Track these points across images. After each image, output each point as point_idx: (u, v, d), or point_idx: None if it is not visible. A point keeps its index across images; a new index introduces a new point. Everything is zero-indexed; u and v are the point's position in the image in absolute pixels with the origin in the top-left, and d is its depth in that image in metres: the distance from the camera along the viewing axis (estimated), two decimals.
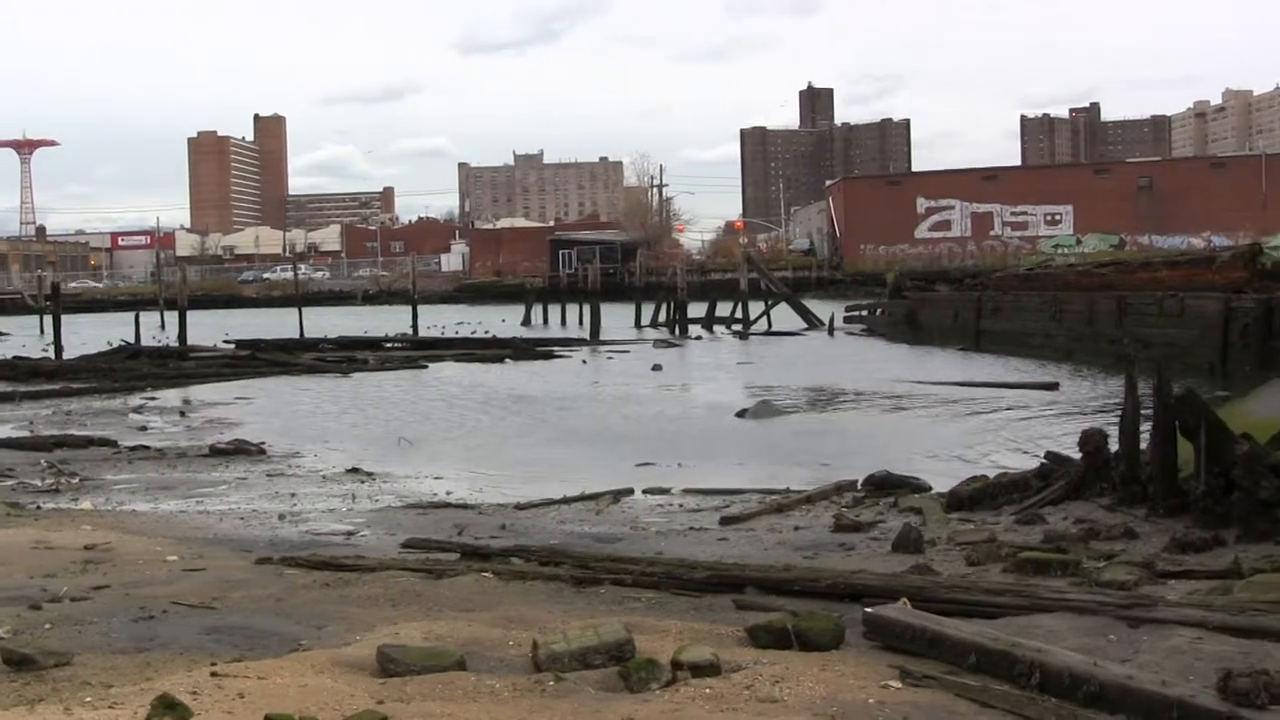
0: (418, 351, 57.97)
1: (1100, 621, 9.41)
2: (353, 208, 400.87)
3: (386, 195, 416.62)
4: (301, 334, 64.54)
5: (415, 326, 72.93)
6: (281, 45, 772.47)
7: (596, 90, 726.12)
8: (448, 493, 20.22)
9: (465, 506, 18.52)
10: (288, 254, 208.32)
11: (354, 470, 22.72)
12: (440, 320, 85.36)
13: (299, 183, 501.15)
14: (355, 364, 51.39)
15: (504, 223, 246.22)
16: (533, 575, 11.88)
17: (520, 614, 9.95)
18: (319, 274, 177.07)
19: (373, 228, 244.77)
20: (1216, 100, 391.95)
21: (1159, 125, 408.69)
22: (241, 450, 25.36)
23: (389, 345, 61.64)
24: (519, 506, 18.39)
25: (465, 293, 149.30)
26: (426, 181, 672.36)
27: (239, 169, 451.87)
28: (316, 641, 8.98)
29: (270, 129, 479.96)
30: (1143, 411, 16.11)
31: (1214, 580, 11.43)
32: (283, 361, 51.01)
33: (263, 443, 26.54)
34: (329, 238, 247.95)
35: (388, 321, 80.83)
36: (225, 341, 60.18)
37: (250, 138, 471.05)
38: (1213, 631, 9.04)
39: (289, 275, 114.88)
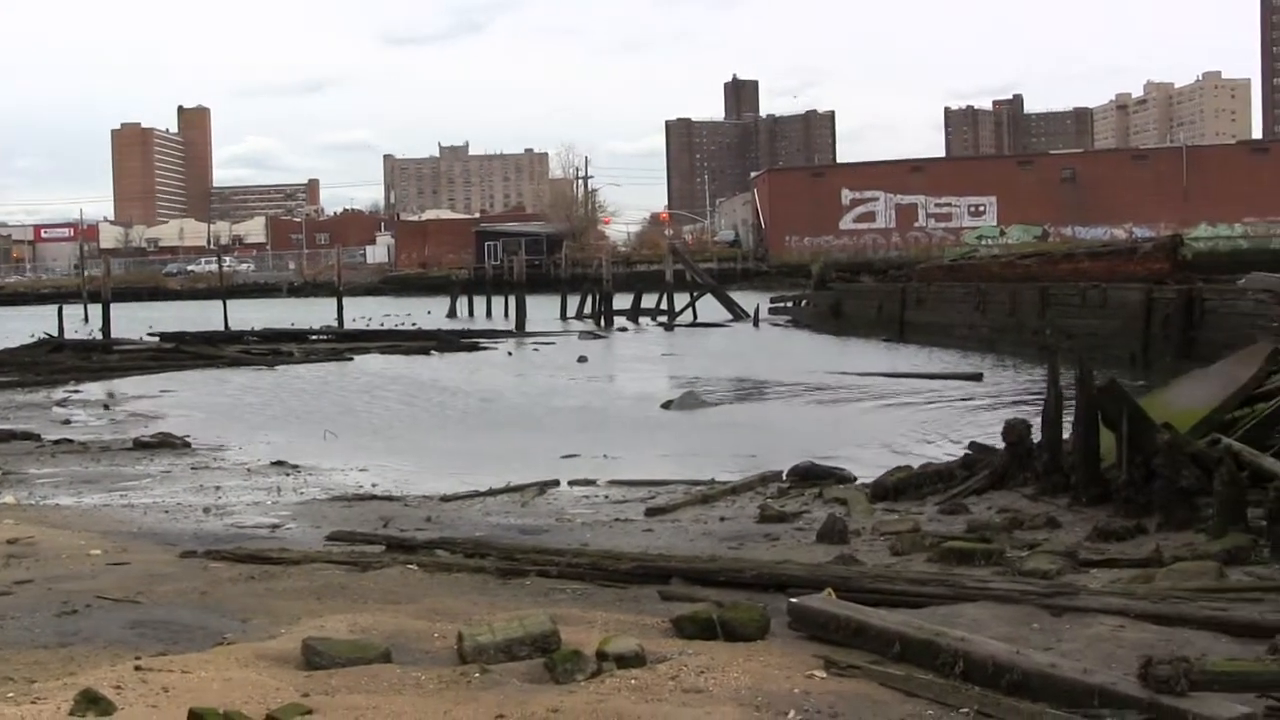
0: (343, 344, 57.78)
1: (1023, 610, 9.49)
2: (278, 200, 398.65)
3: (312, 187, 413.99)
4: (226, 326, 64.08)
5: (340, 319, 72.55)
6: (205, 37, 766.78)
7: (522, 82, 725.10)
8: (373, 485, 20.14)
9: (390, 499, 18.47)
10: (212, 246, 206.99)
11: (279, 463, 22.60)
12: (367, 312, 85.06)
13: (223, 175, 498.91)
14: (280, 356, 51.14)
15: (429, 214, 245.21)
16: (458, 567, 11.87)
17: (445, 606, 9.94)
18: (244, 266, 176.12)
19: (298, 220, 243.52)
20: (1138, 93, 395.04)
21: (1081, 117, 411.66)
22: (166, 443, 25.18)
23: (314, 338, 61.35)
24: (444, 498, 18.34)
25: (390, 285, 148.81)
26: (352, 174, 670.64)
27: (163, 161, 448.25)
28: (241, 635, 8.94)
29: (194, 121, 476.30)
30: (1065, 402, 16.26)
31: (1136, 568, 11.56)
32: (207, 354, 50.72)
33: (187, 436, 26.37)
34: (254, 230, 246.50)
35: (313, 314, 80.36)
36: (150, 334, 59.69)
37: (174, 130, 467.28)
38: (1134, 619, 9.13)
39: (214, 268, 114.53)
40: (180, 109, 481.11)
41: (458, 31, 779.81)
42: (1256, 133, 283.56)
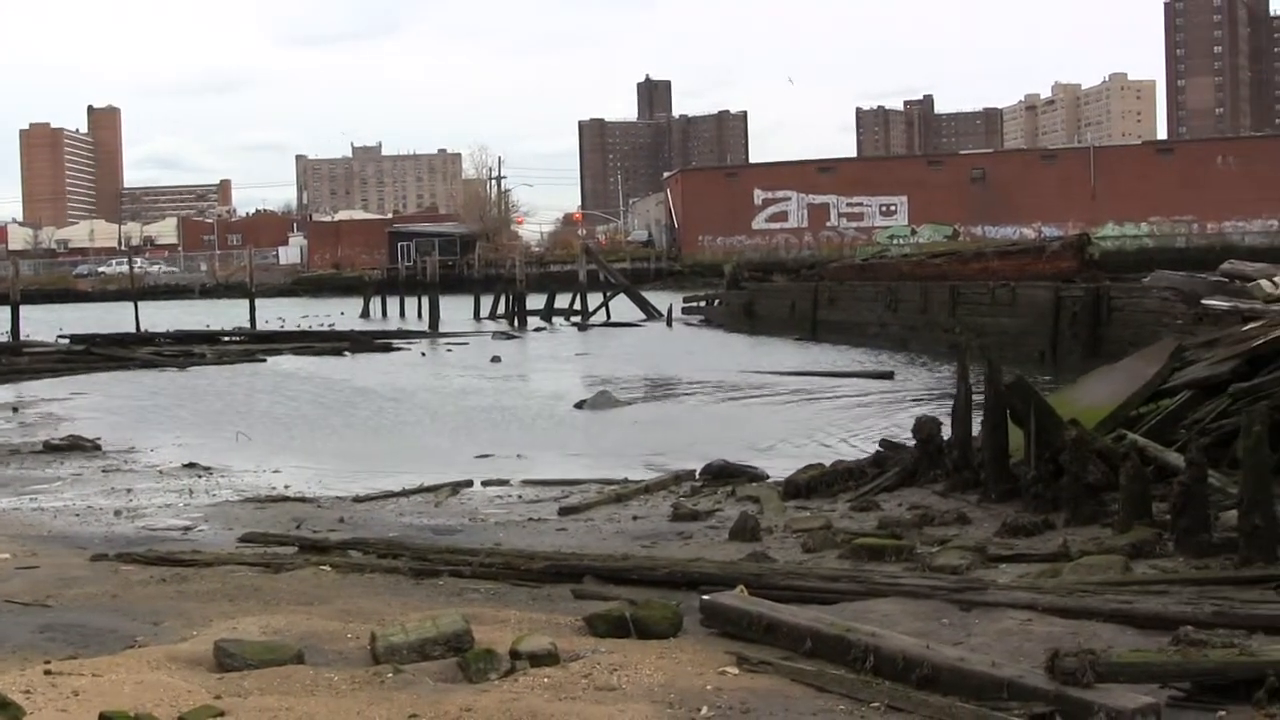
0: (256, 345, 57.38)
1: (933, 605, 9.60)
2: (189, 200, 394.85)
3: (224, 188, 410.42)
4: (138, 328, 63.33)
5: (253, 319, 72.04)
6: (115, 36, 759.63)
7: (435, 82, 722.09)
8: (286, 486, 20.03)
9: (304, 500, 18.38)
10: (123, 247, 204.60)
11: (191, 465, 22.43)
12: (280, 313, 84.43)
13: (135, 175, 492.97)
14: (192, 358, 50.66)
15: (342, 215, 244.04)
16: (371, 568, 11.86)
17: (359, 606, 9.94)
18: (155, 268, 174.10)
19: (210, 221, 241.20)
20: (1046, 94, 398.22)
21: (991, 118, 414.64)
22: (77, 446, 24.93)
23: (226, 339, 60.87)
24: (358, 499, 18.29)
25: (303, 285, 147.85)
26: (264, 174, 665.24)
27: (73, 162, 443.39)
28: (153, 638, 8.90)
29: (104, 121, 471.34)
30: (975, 399, 16.42)
31: (1044, 563, 11.70)
32: (119, 356, 50.17)
33: (98, 438, 26.11)
34: (165, 231, 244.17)
35: (226, 315, 79.81)
36: (60, 337, 58.95)
37: (84, 130, 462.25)
38: (1042, 613, 9.25)
39: (125, 269, 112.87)
40: (90, 109, 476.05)
41: (371, 31, 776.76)
42: (1161, 133, 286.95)
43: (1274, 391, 13.81)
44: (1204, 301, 22.75)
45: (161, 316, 78.58)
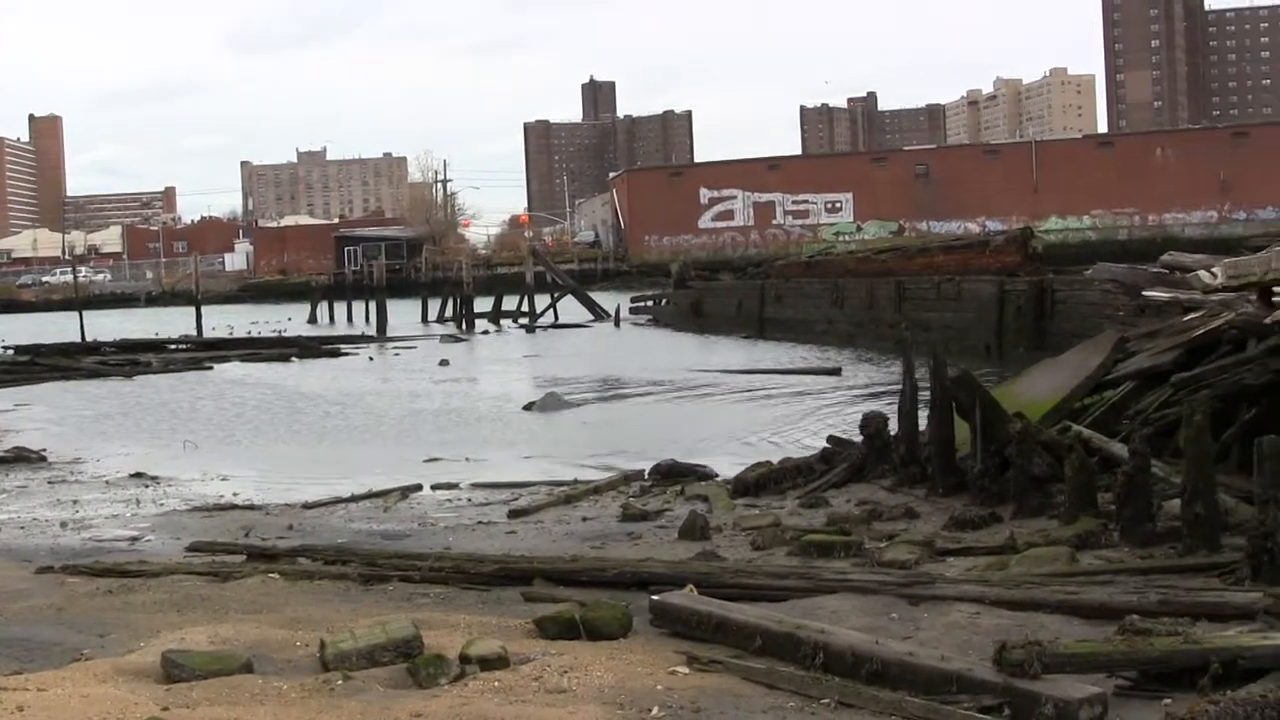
0: (203, 352, 57.08)
1: (882, 600, 9.64)
2: (134, 208, 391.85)
3: (168, 195, 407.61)
4: (83, 338, 62.89)
5: (199, 327, 71.71)
6: (56, 44, 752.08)
7: (380, 86, 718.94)
8: (234, 494, 19.96)
9: (252, 507, 18.31)
10: (67, 256, 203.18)
11: (138, 475, 22.30)
12: (227, 320, 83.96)
13: (78, 183, 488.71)
14: (138, 367, 50.34)
15: (288, 221, 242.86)
16: (320, 575, 11.83)
17: (308, 614, 9.90)
18: (100, 276, 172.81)
19: (155, 228, 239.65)
20: (988, 89, 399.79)
21: (934, 114, 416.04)
22: (21, 458, 24.77)
23: (173, 347, 60.53)
24: (306, 506, 18.23)
25: (250, 292, 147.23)
26: (209, 181, 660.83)
27: (14, 170, 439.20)
28: (100, 650, 8.85)
29: (46, 129, 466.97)
30: (921, 394, 16.49)
31: (991, 556, 11.77)
32: (63, 366, 49.83)
33: (44, 449, 25.95)
34: (110, 239, 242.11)
35: (172, 323, 79.39)
36: (3, 347, 58.60)
37: (25, 138, 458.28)
38: (990, 606, 9.32)
39: (69, 278, 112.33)
40: (31, 117, 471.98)
41: (315, 36, 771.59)
42: (1102, 127, 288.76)
43: (1215, 381, 13.91)
44: (1145, 293, 22.78)
45: (107, 325, 78.00)
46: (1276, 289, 14.33)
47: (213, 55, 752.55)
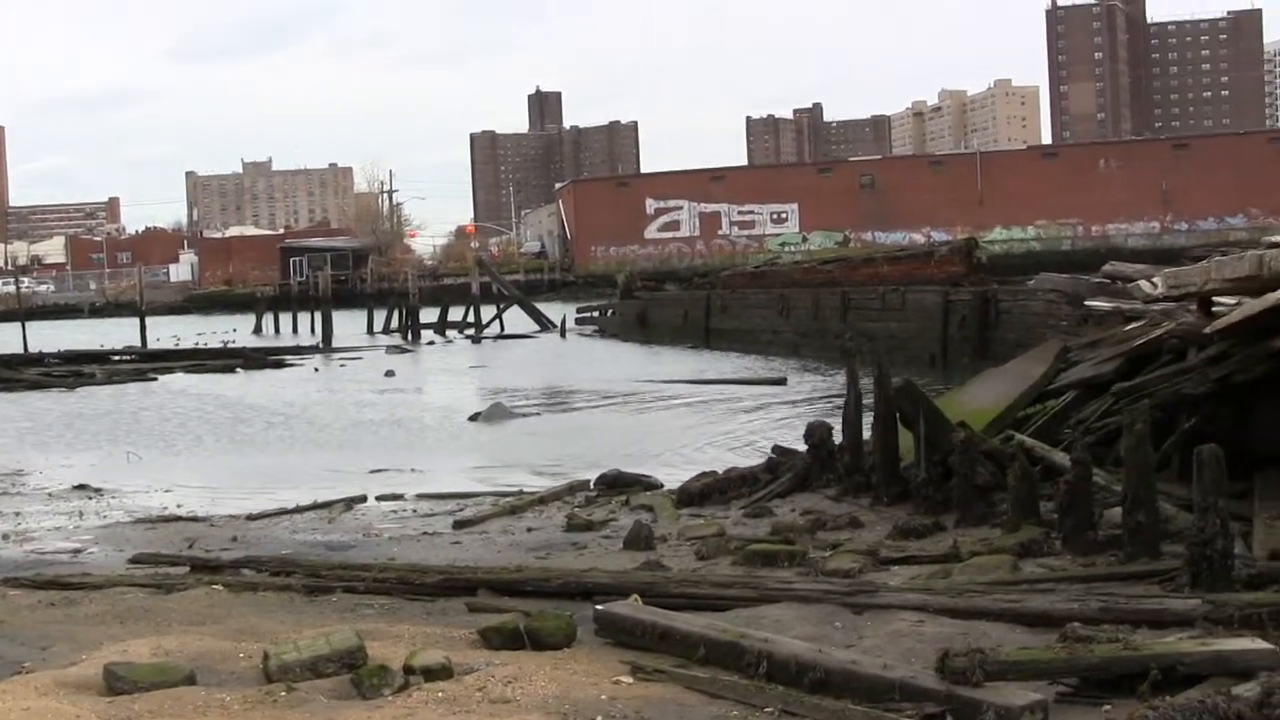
0: (147, 364, 56.68)
1: (826, 609, 9.68)
2: (78, 219, 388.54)
3: (112, 205, 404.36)
4: (25, 349, 62.43)
5: (144, 338, 71.25)
6: None
7: (325, 96, 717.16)
8: (178, 506, 19.83)
9: (196, 519, 18.20)
10: (9, 267, 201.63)
11: (81, 486, 22.15)
12: (173, 331, 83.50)
13: (20, 194, 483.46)
14: (82, 378, 49.97)
15: (233, 231, 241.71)
16: (264, 586, 11.79)
17: (251, 625, 9.88)
18: (43, 287, 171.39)
19: (99, 239, 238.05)
20: (933, 100, 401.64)
21: (879, 125, 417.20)
22: None
23: (117, 358, 60.14)
24: (250, 517, 18.15)
25: (195, 303, 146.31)
26: (154, 191, 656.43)
27: None
28: (41, 663, 8.80)
29: None
30: (866, 403, 16.55)
31: (935, 564, 11.83)
32: (5, 378, 49.38)
33: None
34: (53, 250, 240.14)
35: (116, 334, 78.89)
36: None
37: None
38: (933, 614, 9.37)
39: (11, 289, 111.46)
40: None
41: (261, 46, 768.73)
42: (1046, 138, 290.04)
43: (1155, 390, 14.03)
44: (1087, 303, 22.99)
45: (50, 336, 77.38)
46: (1216, 299, 14.45)
47: (157, 64, 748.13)
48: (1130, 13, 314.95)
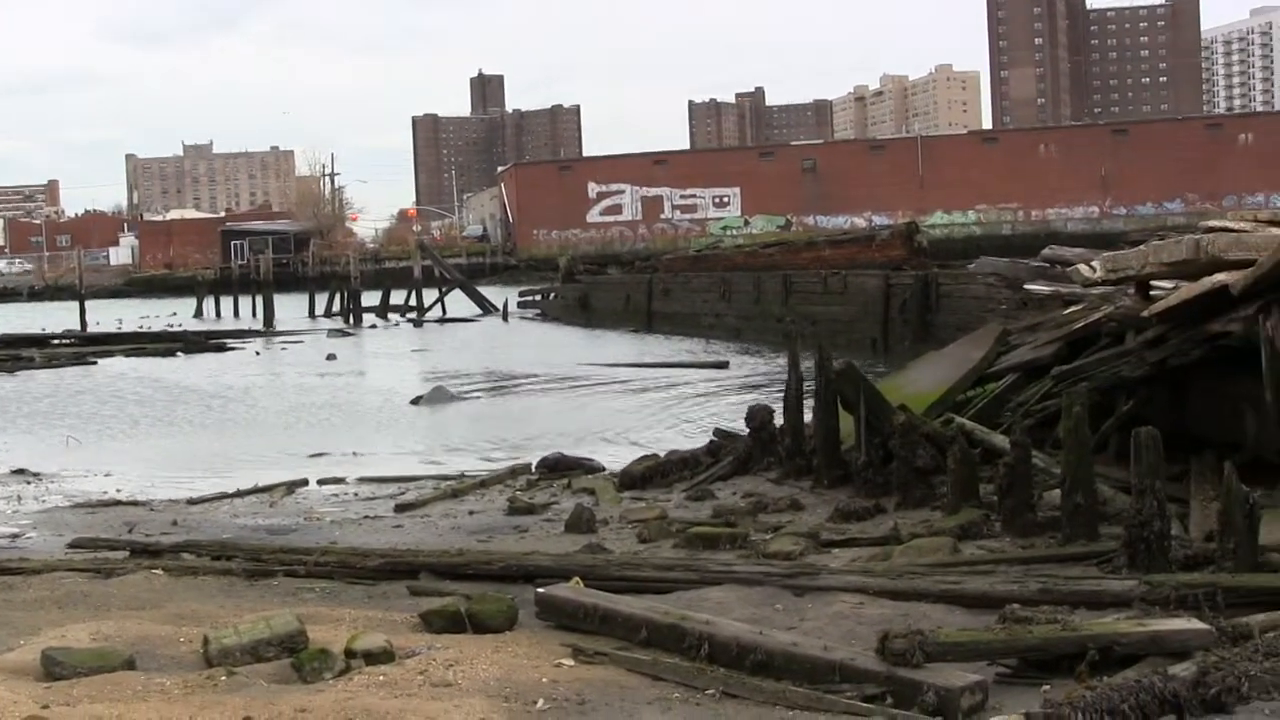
0: (86, 347, 56.29)
1: (767, 592, 9.72)
2: (16, 201, 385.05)
3: (51, 188, 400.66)
4: None
5: (83, 321, 70.78)
6: None
7: (267, 78, 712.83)
8: (118, 490, 19.72)
9: (136, 503, 18.11)
10: None
11: (20, 471, 21.99)
12: (114, 315, 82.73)
13: None
14: (20, 362, 49.54)
15: (174, 214, 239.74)
16: (204, 570, 11.74)
17: (191, 610, 9.83)
18: None
19: (38, 221, 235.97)
20: (875, 85, 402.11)
21: (821, 109, 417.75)
22: None
23: (56, 342, 59.70)
24: (191, 501, 18.08)
25: (135, 286, 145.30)
26: (94, 174, 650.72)
27: None
28: None
29: None
30: (807, 387, 16.61)
31: (875, 546, 11.90)
32: None
33: None
34: None
35: (55, 318, 78.30)
36: None
37: None
38: (873, 596, 9.43)
39: None
40: None
41: (203, 28, 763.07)
42: (986, 123, 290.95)
43: (1094, 373, 14.13)
44: (1027, 287, 23.17)
45: None
46: (1154, 283, 14.55)
47: (99, 46, 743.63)
48: None
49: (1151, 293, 14.55)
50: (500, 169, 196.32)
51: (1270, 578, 9.00)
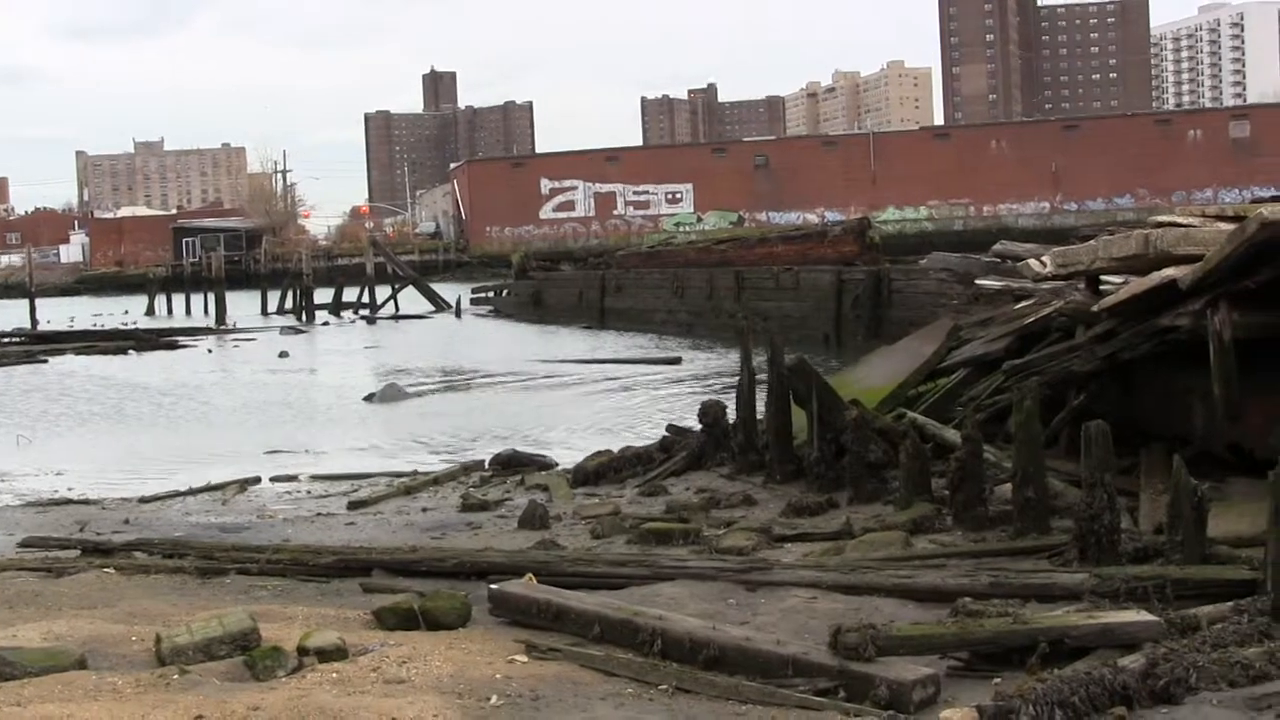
0: (37, 346, 56.00)
1: (720, 587, 9.74)
2: None
3: (0, 186, 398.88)
4: None
5: (33, 320, 70.38)
6: None
7: (219, 74, 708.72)
8: (69, 488, 19.64)
9: (87, 502, 18.04)
10: None
11: None
12: (67, 313, 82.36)
13: None
14: None
15: (125, 212, 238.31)
16: (157, 569, 11.70)
17: (144, 608, 9.79)
18: None
19: None
20: (827, 81, 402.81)
21: (774, 105, 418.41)
22: None
23: (6, 340, 59.36)
24: (143, 500, 18.02)
25: (87, 284, 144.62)
26: (44, 171, 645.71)
27: None
28: None
29: None
30: (759, 382, 16.64)
31: (828, 541, 11.94)
32: None
33: None
34: None
35: (5, 316, 77.78)
36: None
37: None
38: (826, 590, 9.47)
39: None
40: None
41: (153, 24, 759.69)
42: (938, 119, 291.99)
43: (1044, 368, 14.19)
44: (978, 282, 23.22)
45: None
46: (1104, 278, 14.63)
47: (49, 42, 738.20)
48: None
49: (1101, 288, 14.63)
50: (453, 166, 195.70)
51: (1218, 570, 9.09)
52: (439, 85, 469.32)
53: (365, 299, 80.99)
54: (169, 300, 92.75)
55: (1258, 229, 10.88)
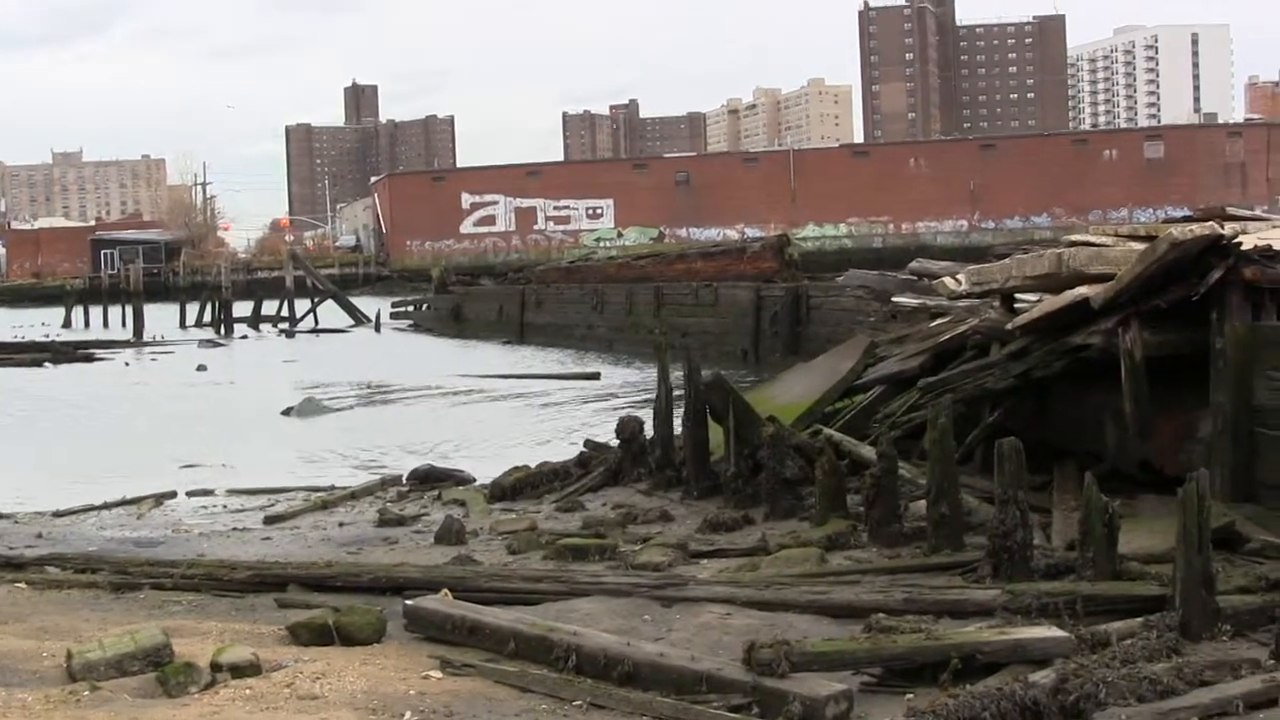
0: None
1: (635, 603, 9.78)
2: None
3: None
4: None
5: None
6: None
7: (138, 86, 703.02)
8: None
9: None
10: None
11: None
12: None
13: None
14: None
15: (42, 223, 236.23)
16: (69, 583, 11.60)
17: (55, 624, 9.71)
18: None
19: None
20: (748, 98, 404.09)
21: (695, 122, 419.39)
22: None
23: None
24: (57, 513, 17.83)
25: (3, 296, 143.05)
26: None
27: None
28: None
29: None
30: (677, 398, 16.68)
31: (743, 557, 12.00)
32: None
33: None
34: None
35: None
36: None
37: None
38: (741, 606, 9.52)
39: None
40: None
41: (69, 33, 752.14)
42: (858, 137, 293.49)
43: (959, 385, 14.31)
44: (894, 299, 23.41)
45: None
46: (1018, 296, 14.78)
47: None
48: (940, 15, 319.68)
49: (1016, 306, 14.79)
50: (374, 179, 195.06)
51: (1128, 586, 9.20)
52: (360, 98, 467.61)
53: (284, 312, 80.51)
54: (86, 313, 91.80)
55: (1168, 249, 11.04)
